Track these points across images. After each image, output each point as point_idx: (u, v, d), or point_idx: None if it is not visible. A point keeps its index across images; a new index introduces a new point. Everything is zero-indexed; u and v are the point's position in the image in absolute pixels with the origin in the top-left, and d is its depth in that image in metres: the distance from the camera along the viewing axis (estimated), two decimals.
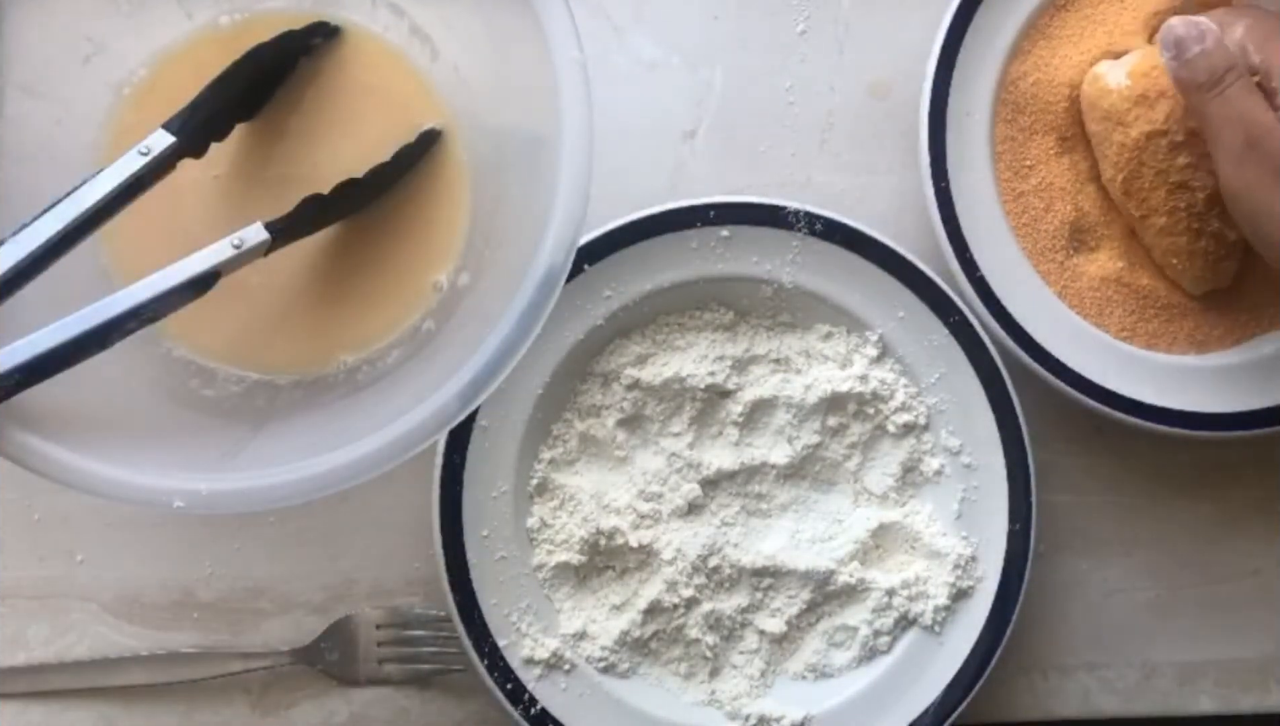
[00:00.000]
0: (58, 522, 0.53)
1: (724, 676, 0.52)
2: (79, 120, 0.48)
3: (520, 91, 0.45)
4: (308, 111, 0.50)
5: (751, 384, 0.52)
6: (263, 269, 0.45)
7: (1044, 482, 0.52)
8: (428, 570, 0.53)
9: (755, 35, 0.56)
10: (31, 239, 0.41)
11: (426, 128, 0.49)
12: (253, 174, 0.49)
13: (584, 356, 0.52)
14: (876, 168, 0.56)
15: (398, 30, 0.50)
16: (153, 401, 0.47)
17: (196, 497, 0.41)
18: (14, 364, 0.39)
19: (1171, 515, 0.55)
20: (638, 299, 0.52)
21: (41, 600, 0.53)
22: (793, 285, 0.52)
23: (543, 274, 0.41)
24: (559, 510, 0.52)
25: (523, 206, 0.44)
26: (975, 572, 0.51)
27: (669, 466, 0.52)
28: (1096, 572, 0.55)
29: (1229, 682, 0.55)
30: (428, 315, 0.49)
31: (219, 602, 0.53)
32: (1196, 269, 0.52)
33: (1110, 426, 0.52)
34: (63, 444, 0.41)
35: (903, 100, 0.55)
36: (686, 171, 0.55)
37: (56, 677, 0.52)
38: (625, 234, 0.51)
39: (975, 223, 0.52)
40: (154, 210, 0.44)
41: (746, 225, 0.51)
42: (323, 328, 0.49)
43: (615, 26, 0.56)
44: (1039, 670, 0.55)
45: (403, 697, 0.53)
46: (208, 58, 0.47)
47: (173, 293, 0.41)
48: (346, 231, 0.49)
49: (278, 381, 0.49)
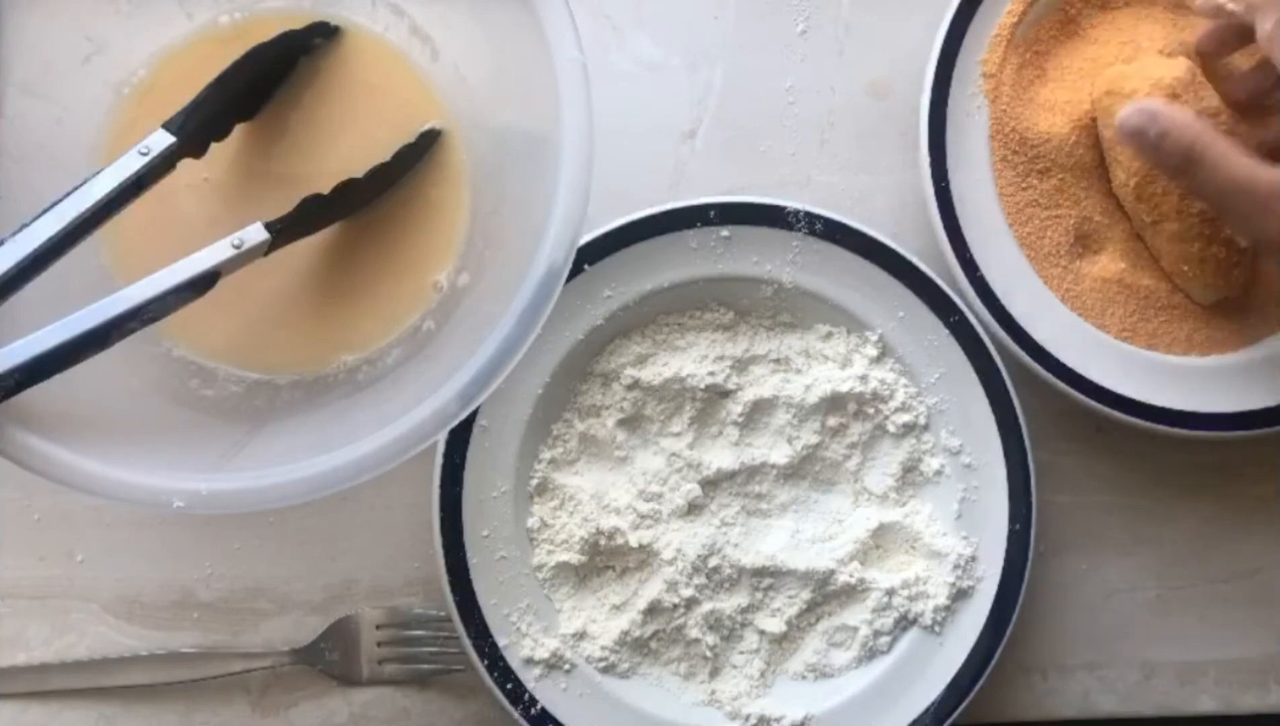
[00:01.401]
0: (58, 522, 0.53)
1: (724, 676, 0.52)
2: (79, 120, 0.48)
3: (520, 91, 0.45)
4: (308, 111, 0.50)
5: (751, 384, 0.52)
6: (263, 269, 0.45)
7: (1044, 482, 0.52)
8: (428, 570, 0.53)
9: (755, 35, 0.56)
10: (31, 239, 0.41)
11: (426, 128, 0.49)
12: (253, 174, 0.49)
13: (584, 356, 0.52)
14: (876, 168, 0.56)
15: (398, 30, 0.50)
16: (153, 401, 0.47)
17: (196, 497, 0.40)
18: (14, 364, 0.39)
19: (1171, 515, 0.55)
20: (638, 299, 0.52)
21: (41, 600, 0.53)
22: (793, 285, 0.52)
23: (543, 274, 0.41)
24: (559, 510, 0.52)
25: (523, 206, 0.44)
26: (975, 572, 0.51)
27: (669, 466, 0.52)
28: (1096, 572, 0.55)
29: (1229, 682, 0.55)
30: (428, 315, 0.49)
31: (219, 602, 0.53)
32: (1208, 276, 0.51)
33: (1110, 426, 0.52)
34: (63, 444, 0.41)
35: (903, 100, 0.55)
36: (686, 171, 0.55)
37: (56, 677, 0.52)
38: (625, 234, 0.51)
39: (975, 223, 0.52)
40: (154, 210, 0.44)
41: (746, 225, 0.51)
42: (323, 328, 0.49)
43: (615, 26, 0.56)
44: (1039, 670, 0.55)
45: (403, 697, 0.53)
46: (208, 58, 0.47)
47: (173, 293, 0.41)
48: (346, 231, 0.49)
49: (278, 381, 0.49)
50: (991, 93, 0.52)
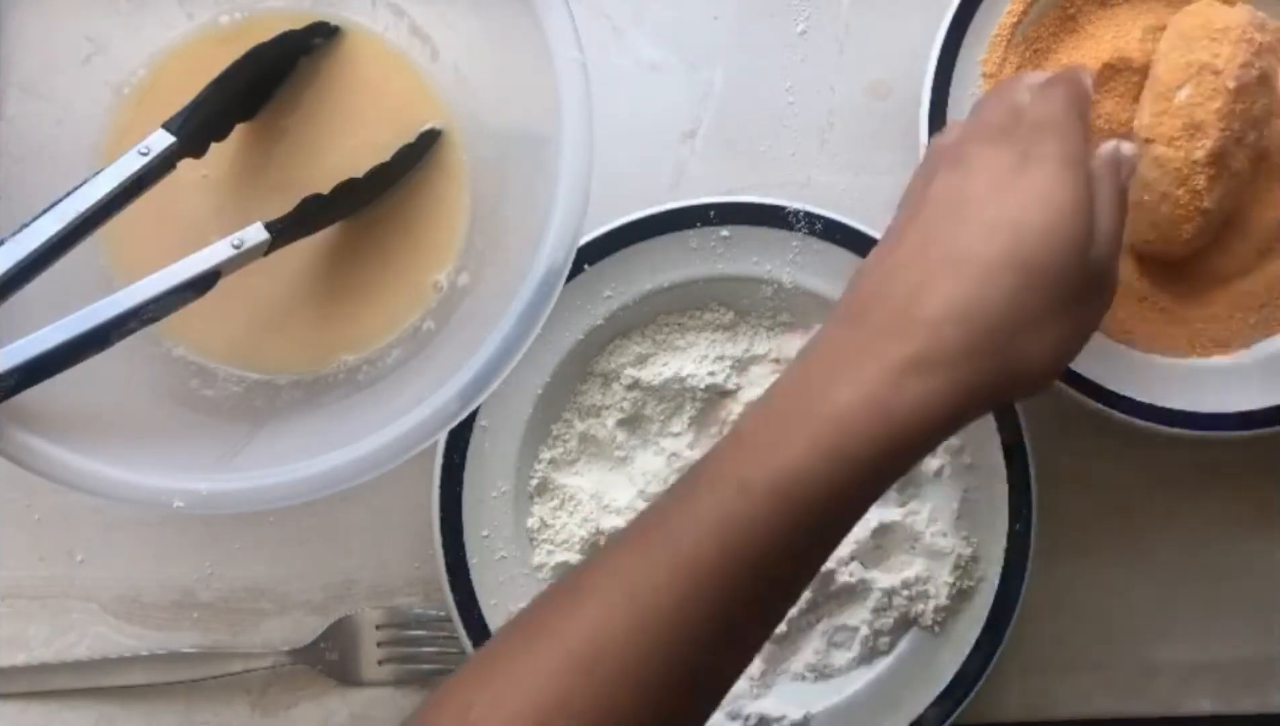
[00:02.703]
0: (58, 522, 0.53)
1: None
2: (79, 120, 0.48)
3: (520, 91, 0.45)
4: (308, 111, 0.50)
5: (751, 384, 0.52)
6: (263, 269, 0.45)
7: (1044, 482, 0.52)
8: (428, 570, 0.53)
9: (755, 35, 0.56)
10: (31, 239, 0.41)
11: (426, 128, 0.49)
12: (253, 174, 0.49)
13: (584, 356, 0.52)
14: (876, 168, 0.56)
15: (398, 30, 0.50)
16: (153, 401, 0.47)
17: (196, 497, 0.41)
18: (14, 364, 0.39)
19: (1171, 515, 0.55)
20: (638, 299, 0.52)
21: (41, 600, 0.53)
22: (793, 285, 0.52)
23: (543, 274, 0.41)
24: (559, 510, 0.52)
25: (523, 206, 0.44)
26: (975, 573, 0.51)
27: (669, 466, 0.52)
28: (1096, 572, 0.55)
29: (1229, 682, 0.55)
30: (428, 315, 0.49)
31: (219, 602, 0.53)
32: (1160, 212, 0.50)
33: (1110, 426, 0.52)
34: (63, 444, 0.41)
35: (903, 100, 0.55)
36: (686, 171, 0.55)
37: (56, 677, 0.52)
38: (625, 234, 0.51)
39: None
40: (154, 210, 0.44)
41: (746, 225, 0.51)
42: (323, 328, 0.49)
43: (615, 27, 0.56)
44: (1039, 670, 0.55)
45: (403, 697, 0.53)
46: (208, 58, 0.47)
47: (173, 293, 0.41)
48: (346, 231, 0.49)
49: (278, 381, 0.49)
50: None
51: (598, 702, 0.34)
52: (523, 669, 0.35)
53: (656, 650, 0.34)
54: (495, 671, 0.35)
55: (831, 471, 0.35)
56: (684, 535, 0.35)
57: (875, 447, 0.35)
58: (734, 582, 0.35)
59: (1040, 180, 0.38)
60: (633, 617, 0.34)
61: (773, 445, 0.36)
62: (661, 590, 0.34)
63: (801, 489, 0.35)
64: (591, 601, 0.35)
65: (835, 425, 0.35)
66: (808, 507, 0.35)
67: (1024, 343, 0.37)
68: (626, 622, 0.34)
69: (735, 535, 0.35)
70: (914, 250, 0.38)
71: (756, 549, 0.35)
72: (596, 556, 0.38)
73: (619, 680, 0.34)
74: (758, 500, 0.35)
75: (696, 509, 0.36)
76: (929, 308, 0.36)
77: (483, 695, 0.34)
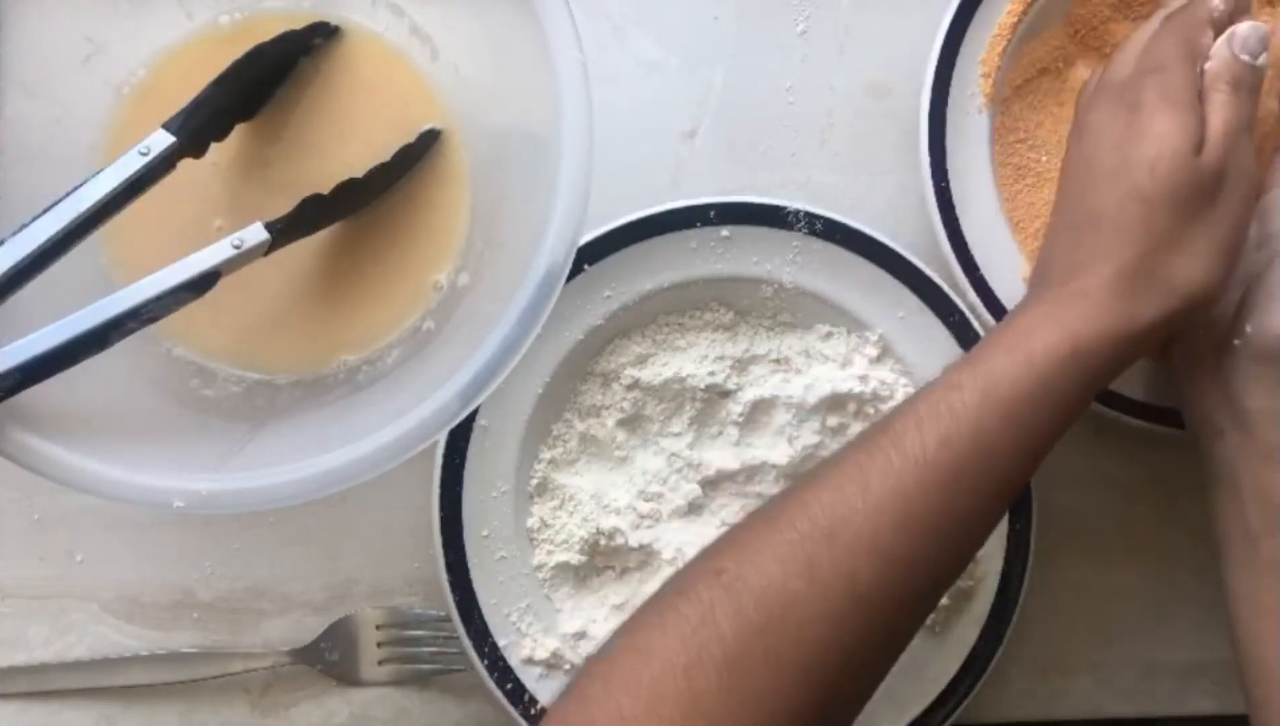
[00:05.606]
0: (58, 522, 0.53)
1: None
2: (79, 120, 0.48)
3: (520, 91, 0.45)
4: (308, 111, 0.50)
5: (751, 384, 0.52)
6: (263, 269, 0.45)
7: (1044, 482, 0.52)
8: (428, 570, 0.53)
9: (755, 35, 0.56)
10: (31, 239, 0.41)
11: (426, 128, 0.49)
12: (253, 174, 0.49)
13: (584, 356, 0.52)
14: (876, 168, 0.56)
15: (398, 30, 0.50)
16: (153, 401, 0.47)
17: (196, 497, 0.41)
18: (14, 364, 0.39)
19: (1171, 515, 0.55)
20: (638, 299, 0.52)
21: (41, 600, 0.53)
22: (793, 285, 0.52)
23: (543, 274, 0.41)
24: (559, 510, 0.52)
25: (523, 206, 0.44)
26: (975, 572, 0.51)
27: (669, 466, 0.52)
28: (1097, 572, 0.55)
29: (1229, 682, 0.55)
30: (428, 315, 0.49)
31: (219, 602, 0.53)
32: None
33: (1110, 426, 0.52)
34: (63, 444, 0.41)
35: (903, 100, 0.55)
36: (686, 171, 0.55)
37: (56, 677, 0.52)
38: (625, 234, 0.51)
39: (975, 223, 0.52)
40: (154, 210, 0.44)
41: (746, 225, 0.51)
42: (323, 328, 0.49)
43: (615, 26, 0.56)
44: (1039, 670, 0.55)
45: (403, 697, 0.53)
46: (208, 58, 0.47)
47: (173, 293, 0.41)
48: (346, 231, 0.49)
49: (278, 381, 0.49)
50: (992, 92, 0.52)
51: (838, 568, 0.38)
52: (769, 539, 0.39)
53: (892, 525, 0.39)
54: (744, 542, 0.40)
55: (1032, 380, 0.41)
56: (905, 433, 0.40)
57: (1063, 371, 0.41)
58: (956, 473, 0.40)
59: (1142, 123, 0.43)
60: (867, 498, 0.39)
61: (978, 363, 0.42)
62: (890, 474, 0.39)
63: (1005, 389, 0.40)
64: (827, 488, 0.40)
65: (1027, 354, 0.41)
66: (1012, 404, 0.40)
67: (1172, 261, 0.42)
68: (863, 501, 0.39)
69: (954, 429, 0.40)
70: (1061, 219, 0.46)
71: (971, 442, 0.40)
72: (825, 459, 0.43)
73: (857, 549, 0.38)
74: (970, 400, 0.40)
75: (918, 410, 0.41)
76: (1087, 272, 0.43)
77: (733, 561, 0.39)
